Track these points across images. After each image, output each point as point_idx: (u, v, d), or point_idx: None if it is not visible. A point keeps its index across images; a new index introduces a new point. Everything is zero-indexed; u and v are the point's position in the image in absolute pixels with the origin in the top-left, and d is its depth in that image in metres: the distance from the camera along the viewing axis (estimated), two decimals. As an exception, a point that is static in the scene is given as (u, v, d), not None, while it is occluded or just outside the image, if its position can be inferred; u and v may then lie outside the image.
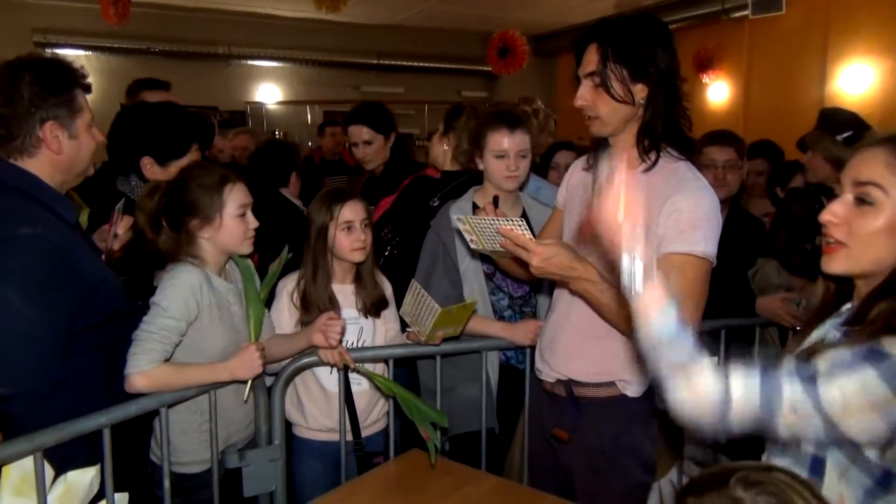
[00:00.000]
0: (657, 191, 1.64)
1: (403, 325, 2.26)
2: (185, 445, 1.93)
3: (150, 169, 2.29)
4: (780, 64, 6.80)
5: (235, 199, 1.92)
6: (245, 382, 1.92)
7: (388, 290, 2.33)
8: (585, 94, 1.71)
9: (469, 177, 2.56)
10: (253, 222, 1.96)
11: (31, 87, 1.60)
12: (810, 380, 1.10)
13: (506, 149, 2.20)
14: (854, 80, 6.13)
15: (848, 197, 1.22)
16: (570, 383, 1.83)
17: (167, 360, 1.80)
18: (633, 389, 1.77)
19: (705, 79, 7.50)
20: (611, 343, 1.73)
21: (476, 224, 1.78)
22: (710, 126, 3.28)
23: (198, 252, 1.92)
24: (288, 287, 2.22)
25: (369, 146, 3.09)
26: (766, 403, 1.09)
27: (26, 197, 1.61)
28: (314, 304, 2.16)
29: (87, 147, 1.73)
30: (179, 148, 2.29)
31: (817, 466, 1.21)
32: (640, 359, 1.25)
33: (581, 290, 1.67)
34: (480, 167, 2.29)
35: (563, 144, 3.53)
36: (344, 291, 2.23)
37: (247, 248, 1.97)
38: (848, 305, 1.30)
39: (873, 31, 5.97)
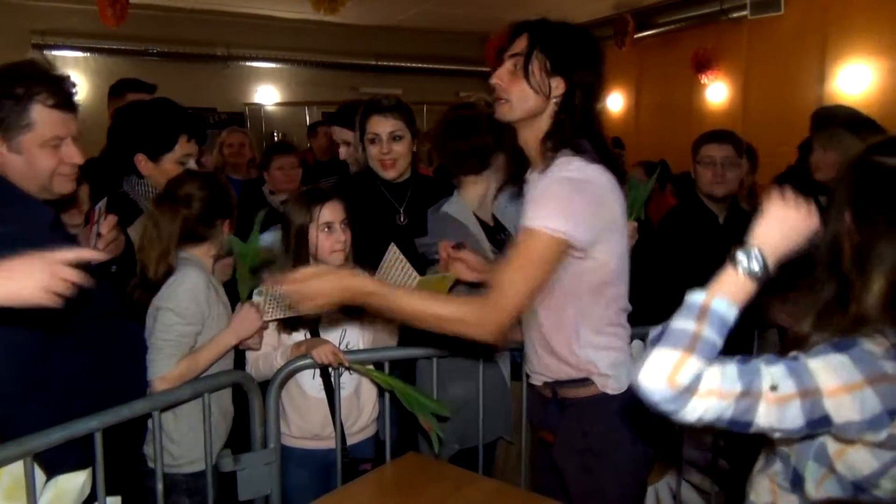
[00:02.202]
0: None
1: None
2: (195, 442, 1.96)
3: (145, 165, 2.30)
4: (779, 64, 6.79)
5: None
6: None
7: None
8: (502, 74, 1.72)
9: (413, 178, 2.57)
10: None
11: None
12: (792, 358, 1.13)
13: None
14: (852, 81, 6.12)
15: None
16: (554, 385, 1.82)
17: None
18: (612, 387, 1.74)
19: (704, 79, 7.49)
20: (564, 336, 1.73)
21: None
22: (709, 127, 3.28)
23: (210, 253, 2.08)
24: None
25: (349, 147, 2.94)
26: (745, 384, 1.09)
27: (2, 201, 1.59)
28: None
29: (42, 165, 1.66)
30: (167, 141, 2.29)
31: (797, 480, 1.24)
32: None
33: (375, 306, 1.63)
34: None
35: None
36: None
37: None
38: None
39: (871, 32, 5.96)
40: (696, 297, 1.14)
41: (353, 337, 2.23)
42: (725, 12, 6.85)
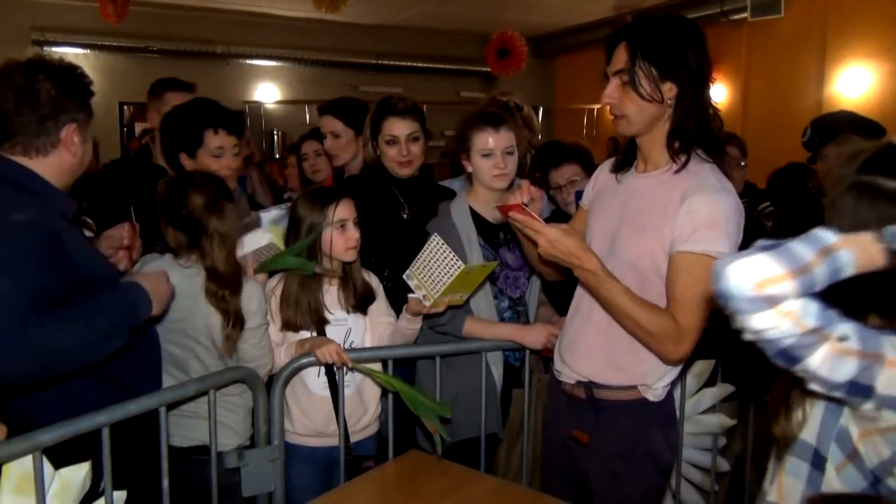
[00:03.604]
0: (679, 192, 1.64)
1: (397, 309, 2.25)
2: (245, 424, 2.12)
3: (187, 163, 2.44)
4: (779, 66, 6.81)
5: None
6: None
7: (373, 282, 2.31)
8: (612, 93, 1.70)
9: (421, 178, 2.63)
10: None
11: (54, 90, 1.63)
12: (874, 329, 1.12)
13: (492, 147, 2.21)
14: (852, 83, 6.15)
15: None
16: (590, 385, 1.81)
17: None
18: (653, 394, 1.76)
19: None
20: (633, 345, 1.73)
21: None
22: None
23: None
24: (271, 287, 2.21)
25: (337, 139, 2.91)
26: (821, 323, 1.07)
27: (25, 190, 1.60)
28: (303, 307, 2.15)
29: (91, 150, 1.77)
30: (195, 137, 2.41)
31: (819, 462, 1.24)
32: None
33: (583, 280, 1.70)
34: (469, 169, 2.30)
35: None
36: (330, 292, 2.22)
37: None
38: None
39: (871, 34, 5.99)
40: (826, 235, 1.09)
41: (357, 335, 2.24)
42: (726, 14, 6.87)
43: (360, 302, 2.24)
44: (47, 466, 1.47)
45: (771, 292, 1.05)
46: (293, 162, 3.92)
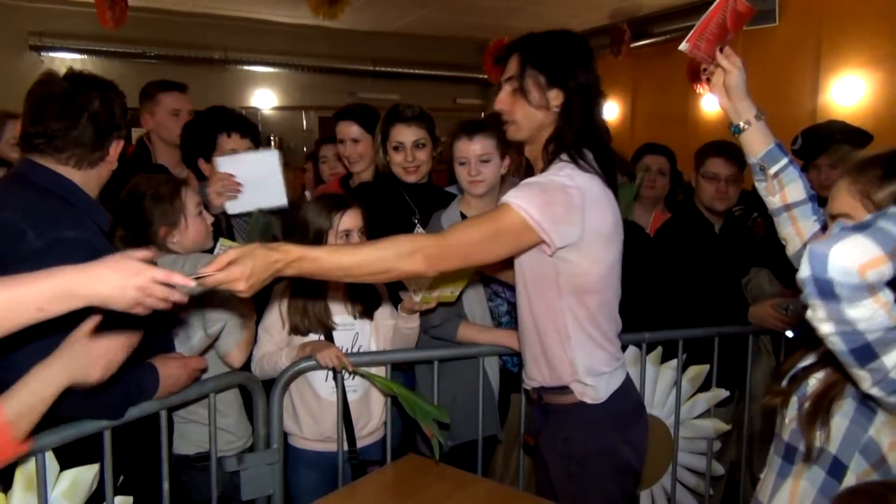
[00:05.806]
0: None
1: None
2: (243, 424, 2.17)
3: (205, 167, 2.53)
4: (773, 75, 6.85)
5: (192, 199, 2.05)
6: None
7: (380, 286, 2.33)
8: (504, 99, 1.77)
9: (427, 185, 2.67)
10: (209, 217, 2.12)
11: (110, 106, 1.69)
12: None
13: (466, 155, 2.26)
14: (846, 92, 6.18)
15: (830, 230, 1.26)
16: (540, 390, 1.86)
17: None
18: (591, 396, 1.77)
19: (699, 89, 7.55)
20: (557, 344, 1.75)
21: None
22: (705, 136, 3.28)
23: None
24: (279, 291, 2.23)
25: (356, 144, 2.92)
26: None
27: (66, 202, 1.63)
28: (311, 313, 2.18)
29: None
30: (209, 142, 2.49)
31: (837, 471, 1.23)
32: None
33: (306, 273, 1.51)
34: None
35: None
36: (336, 297, 2.24)
37: (210, 242, 2.11)
38: None
39: (865, 44, 6.03)
40: None
41: (365, 340, 2.26)
42: (721, 23, 6.91)
43: (366, 308, 2.26)
44: (52, 465, 1.49)
45: (872, 278, 0.96)
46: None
